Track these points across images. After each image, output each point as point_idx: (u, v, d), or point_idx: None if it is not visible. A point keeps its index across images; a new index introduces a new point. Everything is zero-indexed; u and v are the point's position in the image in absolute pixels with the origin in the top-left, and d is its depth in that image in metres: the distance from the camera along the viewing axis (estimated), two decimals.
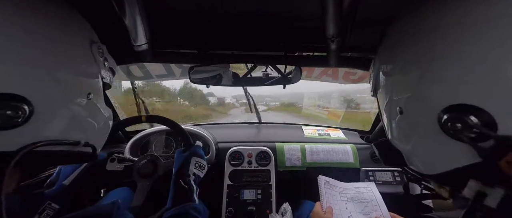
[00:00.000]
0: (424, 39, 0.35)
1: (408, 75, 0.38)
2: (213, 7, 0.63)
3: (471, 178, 0.29)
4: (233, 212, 1.05)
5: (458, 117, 0.28)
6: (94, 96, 0.46)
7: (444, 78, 0.31)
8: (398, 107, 0.40)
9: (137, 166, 0.89)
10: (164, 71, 1.43)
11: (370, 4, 0.56)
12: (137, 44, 0.66)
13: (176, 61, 1.10)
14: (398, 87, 0.41)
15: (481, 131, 0.26)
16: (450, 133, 0.29)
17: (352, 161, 1.19)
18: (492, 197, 0.27)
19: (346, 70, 1.39)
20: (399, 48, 0.42)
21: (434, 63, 0.32)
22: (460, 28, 0.30)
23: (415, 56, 0.37)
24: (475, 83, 0.27)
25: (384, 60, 0.47)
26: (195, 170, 0.76)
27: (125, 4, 0.51)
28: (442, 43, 0.32)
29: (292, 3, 0.59)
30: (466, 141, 0.28)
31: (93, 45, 0.47)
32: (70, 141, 0.40)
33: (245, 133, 1.46)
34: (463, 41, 0.29)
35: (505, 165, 0.25)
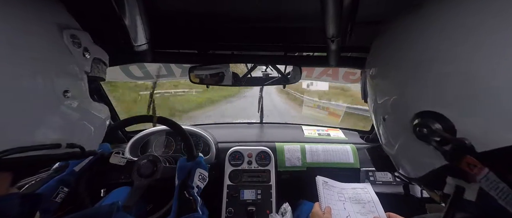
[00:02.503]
0: (402, 46, 0.37)
1: (388, 80, 0.41)
2: (213, 7, 0.63)
3: (448, 176, 0.31)
4: (233, 212, 1.05)
5: (425, 122, 0.31)
6: (75, 93, 0.41)
7: (416, 85, 0.33)
8: (381, 115, 0.42)
9: (137, 164, 0.89)
10: (164, 71, 1.43)
11: (370, 4, 0.56)
12: (137, 44, 0.66)
13: (176, 61, 1.10)
14: (380, 93, 0.43)
15: (442, 135, 0.29)
16: (419, 137, 0.32)
17: (352, 161, 1.19)
18: (470, 191, 0.29)
19: (346, 70, 1.39)
20: (382, 53, 0.43)
21: (409, 69, 0.35)
22: (431, 37, 0.32)
23: (395, 62, 0.39)
24: (438, 93, 0.30)
25: (370, 65, 0.48)
26: (198, 182, 0.75)
27: (125, 4, 0.51)
28: (416, 49, 0.34)
29: (292, 3, 0.59)
30: (433, 144, 0.30)
31: (64, 32, 0.40)
32: (47, 145, 0.36)
33: (245, 133, 1.46)
34: (431, 50, 0.32)
35: (465, 166, 0.27)
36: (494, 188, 0.25)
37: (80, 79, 0.43)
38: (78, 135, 0.43)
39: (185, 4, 0.61)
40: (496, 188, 0.25)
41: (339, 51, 0.72)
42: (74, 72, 0.42)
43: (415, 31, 0.35)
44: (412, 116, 0.33)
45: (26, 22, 0.36)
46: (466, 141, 0.27)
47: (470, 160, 0.27)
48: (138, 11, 0.55)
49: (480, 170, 0.26)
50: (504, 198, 0.25)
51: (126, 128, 0.93)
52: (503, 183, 0.25)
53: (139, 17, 0.57)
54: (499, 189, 0.25)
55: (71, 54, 0.41)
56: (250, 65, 1.00)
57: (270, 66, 1.00)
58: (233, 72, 1.03)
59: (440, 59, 0.30)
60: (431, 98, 0.31)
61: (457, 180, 0.30)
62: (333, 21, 0.53)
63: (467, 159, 0.27)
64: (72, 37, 0.41)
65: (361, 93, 0.56)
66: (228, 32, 0.77)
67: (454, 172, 0.30)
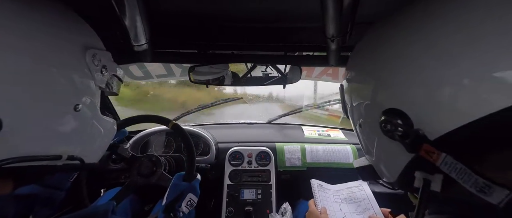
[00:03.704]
0: (376, 45, 0.41)
1: (361, 83, 0.44)
2: (213, 7, 0.63)
3: (416, 171, 0.34)
4: (233, 212, 1.05)
5: (389, 119, 0.34)
6: (85, 108, 0.42)
7: (382, 86, 0.37)
8: (358, 122, 0.45)
9: (139, 161, 0.89)
10: (164, 71, 1.43)
11: (370, 4, 0.56)
12: (137, 44, 0.66)
13: (176, 61, 1.10)
14: (355, 98, 0.46)
15: (402, 129, 0.32)
16: (386, 133, 0.34)
17: (352, 161, 1.19)
18: (435, 183, 0.31)
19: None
20: (359, 63, 0.46)
21: (377, 72, 0.38)
22: (396, 33, 0.37)
23: (367, 67, 0.42)
24: (398, 90, 0.34)
25: (347, 77, 0.51)
26: (185, 208, 0.73)
27: (125, 4, 0.51)
28: (384, 49, 0.38)
29: (292, 3, 0.59)
30: (397, 139, 0.33)
31: (87, 52, 0.42)
32: (48, 156, 0.37)
33: (245, 133, 1.46)
34: (396, 49, 0.36)
35: (425, 154, 0.30)
36: (454, 170, 0.28)
37: (93, 94, 0.45)
38: (82, 147, 0.44)
39: (185, 4, 0.61)
40: (455, 169, 0.28)
41: (339, 51, 0.72)
42: (89, 88, 0.44)
43: (385, 37, 0.39)
44: (379, 113, 0.36)
45: (57, 39, 0.38)
46: (419, 130, 0.30)
47: (428, 148, 0.30)
48: (138, 11, 0.55)
49: (438, 156, 0.29)
50: (462, 177, 0.27)
51: (126, 127, 0.93)
52: (460, 164, 0.27)
53: (139, 17, 0.57)
54: (457, 170, 0.27)
55: (89, 71, 0.43)
56: (250, 65, 1.00)
57: (270, 66, 1.00)
58: (233, 72, 1.03)
59: (401, 69, 0.34)
60: (393, 97, 0.35)
61: (424, 174, 0.33)
62: (333, 21, 0.53)
63: (425, 147, 0.30)
64: (93, 56, 0.44)
65: (342, 108, 0.57)
66: (228, 32, 0.77)
67: (420, 166, 0.33)
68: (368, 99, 0.41)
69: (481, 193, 0.26)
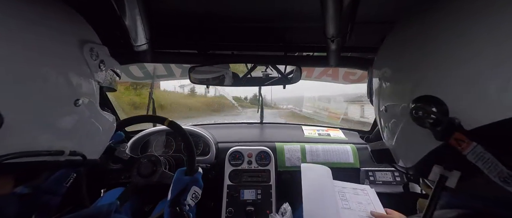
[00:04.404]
0: (412, 45, 0.40)
1: (393, 74, 0.44)
2: (213, 7, 0.63)
3: (435, 164, 0.34)
4: (233, 212, 1.05)
5: (421, 106, 0.33)
6: (85, 102, 0.42)
7: (417, 73, 0.37)
8: (384, 107, 0.45)
9: (138, 162, 0.89)
10: (164, 71, 1.44)
11: (370, 5, 0.56)
12: (137, 44, 0.66)
13: (176, 61, 1.10)
14: (385, 87, 0.46)
15: (436, 116, 0.32)
16: (416, 119, 0.34)
17: (352, 161, 1.19)
18: (451, 179, 0.32)
19: (346, 70, 1.39)
20: (392, 53, 0.46)
21: (412, 61, 0.38)
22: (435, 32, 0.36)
23: (400, 56, 0.42)
24: (435, 78, 0.34)
25: (377, 64, 0.50)
26: (190, 200, 0.74)
27: (125, 4, 0.51)
28: (422, 43, 0.37)
29: (292, 3, 0.59)
30: (427, 126, 0.33)
31: (84, 46, 0.42)
32: (50, 151, 0.37)
33: (245, 133, 1.46)
34: (433, 43, 0.35)
35: (454, 143, 0.30)
36: (481, 159, 0.28)
37: (92, 89, 0.45)
38: (83, 143, 0.44)
39: (185, 4, 0.61)
40: (482, 159, 0.28)
41: (339, 51, 0.72)
42: (88, 82, 0.44)
43: (425, 29, 0.38)
44: (410, 101, 0.36)
45: (54, 33, 0.38)
46: (456, 119, 0.30)
47: (459, 136, 0.30)
48: (138, 11, 0.55)
49: (468, 145, 0.29)
50: (488, 167, 0.28)
51: (126, 127, 0.93)
52: (489, 154, 0.28)
53: (139, 17, 0.57)
54: (485, 159, 0.28)
55: (87, 66, 0.43)
56: (250, 65, 1.00)
57: (270, 66, 1.00)
58: (233, 72, 1.03)
59: (441, 55, 0.34)
60: (429, 84, 0.34)
61: (442, 169, 0.33)
62: (333, 21, 0.53)
63: (456, 135, 0.30)
64: (91, 51, 0.43)
65: (367, 91, 0.58)
66: (228, 32, 0.77)
67: (441, 157, 0.34)
68: (399, 84, 0.41)
69: (504, 183, 0.27)
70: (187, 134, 0.86)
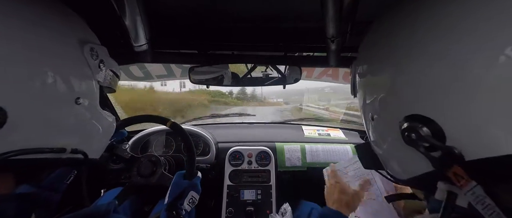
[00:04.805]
0: (397, 43, 0.35)
1: (379, 77, 0.38)
2: (213, 7, 0.63)
3: (439, 181, 0.29)
4: (233, 212, 1.05)
5: (414, 127, 0.29)
6: (86, 101, 0.43)
7: (408, 87, 0.31)
8: (370, 114, 0.40)
9: (139, 162, 0.89)
10: (164, 71, 1.44)
11: (370, 5, 0.56)
12: (137, 44, 0.66)
13: (176, 62, 1.10)
14: (370, 91, 0.41)
15: (431, 142, 0.27)
16: (408, 142, 0.30)
17: None
18: (462, 197, 0.27)
19: (346, 70, 1.39)
20: (374, 50, 0.41)
21: (403, 71, 0.32)
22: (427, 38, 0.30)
23: (386, 58, 0.36)
24: (428, 97, 0.28)
25: (360, 61, 0.46)
26: (187, 205, 0.74)
27: (125, 4, 0.51)
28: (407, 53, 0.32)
29: (292, 3, 0.59)
30: (421, 150, 0.28)
31: (85, 46, 0.43)
32: (53, 148, 0.37)
33: (245, 133, 1.46)
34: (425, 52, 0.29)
35: (453, 176, 0.26)
36: (480, 203, 0.24)
37: (93, 88, 0.46)
38: (84, 141, 0.45)
39: (185, 4, 0.61)
40: (482, 203, 0.24)
41: (339, 51, 0.72)
42: (89, 82, 0.45)
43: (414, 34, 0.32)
44: (401, 118, 0.31)
45: (55, 33, 0.39)
46: (455, 149, 0.26)
47: (458, 171, 0.25)
48: (138, 11, 0.55)
49: (466, 183, 0.25)
50: (490, 214, 0.24)
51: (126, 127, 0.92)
52: (489, 198, 0.24)
53: (139, 17, 0.57)
54: (485, 204, 0.24)
55: (88, 65, 0.44)
56: (250, 66, 1.00)
57: (270, 66, 1.00)
58: (233, 72, 1.03)
59: (435, 63, 0.28)
60: (421, 103, 0.29)
61: (449, 186, 0.28)
62: (333, 21, 0.53)
63: (455, 169, 0.26)
64: (91, 50, 0.44)
65: (351, 88, 0.53)
66: (228, 32, 0.77)
67: (444, 177, 0.29)
68: (387, 98, 0.35)
69: None
70: (188, 136, 0.85)
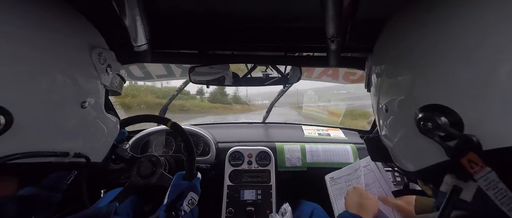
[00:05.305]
0: (412, 40, 0.36)
1: (395, 74, 0.39)
2: (213, 7, 0.63)
3: (447, 173, 0.31)
4: (233, 212, 1.05)
5: (430, 116, 0.29)
6: (91, 105, 0.43)
7: (426, 78, 0.32)
8: (384, 106, 0.41)
9: (139, 162, 0.89)
10: (164, 71, 1.43)
11: (370, 4, 0.56)
12: (137, 44, 0.66)
13: (176, 62, 1.10)
14: (385, 86, 0.42)
15: (448, 130, 0.28)
16: (423, 131, 0.30)
17: (352, 161, 1.19)
18: (467, 191, 0.28)
19: (346, 70, 1.39)
20: (390, 44, 0.42)
21: (420, 62, 0.33)
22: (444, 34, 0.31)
23: (403, 57, 0.37)
24: (448, 86, 0.29)
25: (375, 59, 0.47)
26: (186, 206, 0.73)
27: (125, 4, 0.51)
28: (425, 46, 0.33)
29: (292, 3, 0.59)
30: (436, 139, 0.29)
31: (93, 51, 0.43)
32: (56, 152, 0.37)
33: (245, 133, 1.46)
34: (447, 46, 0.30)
35: (466, 163, 0.27)
36: (493, 188, 0.25)
37: (99, 93, 0.46)
38: (88, 145, 0.45)
39: (185, 4, 0.61)
40: (495, 188, 0.25)
41: (339, 51, 0.72)
42: (95, 85, 0.45)
43: (433, 26, 0.33)
44: (417, 109, 0.31)
45: (65, 37, 0.40)
46: (473, 137, 0.26)
47: (473, 157, 0.26)
48: (138, 11, 0.55)
49: (481, 169, 0.25)
50: (501, 198, 0.25)
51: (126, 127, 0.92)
52: (502, 184, 0.24)
53: (139, 17, 0.57)
54: (497, 189, 0.25)
55: (95, 69, 0.44)
56: (250, 66, 1.00)
57: (270, 67, 1.00)
58: (233, 72, 1.03)
59: (456, 56, 0.29)
60: (440, 93, 0.30)
61: (455, 180, 0.29)
62: (333, 21, 0.53)
63: (470, 156, 0.26)
64: (99, 55, 0.45)
65: (365, 82, 0.54)
66: (228, 32, 0.77)
67: (453, 170, 0.30)
68: (403, 89, 0.35)
69: None
70: (189, 136, 0.85)
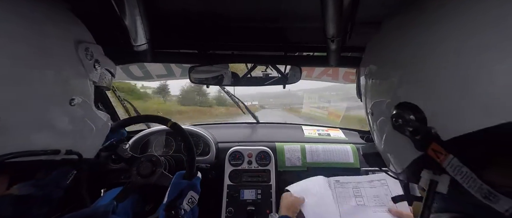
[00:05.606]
0: (392, 45, 0.40)
1: (376, 74, 0.44)
2: (213, 7, 0.63)
3: (423, 169, 0.33)
4: (233, 212, 1.05)
5: (401, 113, 0.33)
6: (80, 102, 0.42)
7: (399, 79, 0.36)
8: (370, 110, 0.45)
9: (139, 161, 0.89)
10: (164, 71, 1.43)
11: (370, 5, 0.56)
12: (137, 44, 0.66)
13: (176, 61, 1.10)
14: (370, 87, 0.46)
15: (414, 125, 0.31)
16: (395, 127, 0.34)
17: (352, 161, 1.19)
18: (442, 184, 0.31)
19: (346, 70, 1.39)
20: (376, 51, 0.46)
21: (395, 66, 0.38)
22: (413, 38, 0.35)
23: (385, 58, 0.41)
24: (413, 85, 0.33)
25: (363, 63, 0.51)
26: (186, 205, 0.73)
27: (125, 4, 0.51)
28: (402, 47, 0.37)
29: (292, 3, 0.59)
30: (407, 134, 0.33)
31: (79, 46, 0.42)
32: (47, 150, 0.37)
33: (245, 133, 1.46)
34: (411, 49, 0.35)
35: (433, 154, 0.30)
36: (459, 173, 0.27)
37: (87, 89, 0.45)
38: (78, 142, 0.44)
39: (185, 4, 0.61)
40: (460, 173, 0.27)
41: (339, 51, 0.72)
42: (83, 82, 0.44)
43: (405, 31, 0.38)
44: (392, 107, 0.35)
45: (49, 33, 0.38)
46: (432, 129, 0.30)
47: (436, 147, 0.29)
48: (138, 11, 0.55)
49: (445, 157, 0.28)
50: (468, 182, 0.27)
51: (126, 127, 0.92)
52: (465, 167, 0.27)
53: (139, 17, 0.57)
54: (462, 174, 0.27)
55: (82, 66, 0.43)
56: (250, 65, 1.00)
57: (270, 66, 1.00)
58: (232, 72, 1.03)
59: (417, 58, 0.33)
60: (409, 91, 0.34)
61: (431, 175, 0.32)
62: (333, 21, 0.53)
63: (433, 146, 0.29)
64: (86, 50, 0.44)
65: (357, 91, 0.57)
66: (228, 32, 0.77)
67: (427, 164, 0.32)
68: (383, 91, 0.40)
69: (487, 199, 0.26)
70: (188, 136, 0.85)
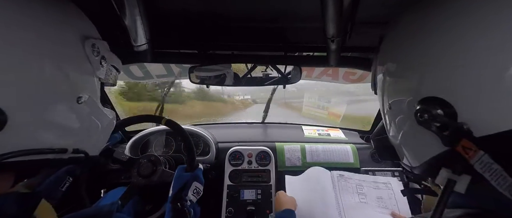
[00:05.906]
0: (416, 40, 0.38)
1: (398, 72, 0.42)
2: (213, 7, 0.63)
3: (442, 167, 0.33)
4: (233, 212, 1.05)
5: (427, 108, 0.32)
6: (87, 99, 0.42)
7: (423, 72, 0.35)
8: (389, 104, 0.43)
9: (138, 163, 0.89)
10: (164, 71, 1.43)
11: (370, 5, 0.56)
12: (137, 44, 0.66)
13: (176, 61, 1.10)
14: (389, 85, 0.44)
15: (443, 121, 0.30)
16: (420, 122, 0.33)
17: (352, 161, 1.19)
18: (460, 184, 0.30)
19: (346, 70, 1.39)
20: (394, 48, 0.44)
21: (419, 59, 0.36)
22: (443, 30, 0.33)
23: (405, 55, 0.40)
24: (444, 81, 0.32)
25: (381, 60, 0.49)
26: (192, 196, 0.74)
27: (125, 4, 0.51)
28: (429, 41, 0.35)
29: (292, 3, 0.59)
30: (433, 129, 0.31)
31: (86, 42, 0.41)
32: (54, 149, 0.37)
33: (245, 132, 1.46)
34: (442, 42, 0.33)
35: (461, 150, 0.29)
36: (488, 170, 0.27)
37: (94, 86, 0.45)
38: (85, 140, 0.44)
39: (185, 4, 0.61)
40: (490, 169, 0.26)
41: (339, 51, 0.72)
42: (90, 79, 0.44)
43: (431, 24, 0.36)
44: (416, 102, 0.34)
45: (56, 30, 0.38)
46: (464, 125, 0.29)
47: (466, 143, 0.28)
48: (138, 11, 0.55)
49: (475, 153, 0.27)
50: (497, 179, 0.26)
51: (126, 127, 0.92)
52: (496, 164, 0.26)
53: (139, 17, 0.57)
54: (492, 170, 0.26)
55: (89, 62, 0.43)
56: (250, 65, 1.00)
57: (270, 66, 1.00)
58: (233, 72, 1.03)
59: (450, 51, 0.31)
60: (437, 85, 0.32)
61: (450, 174, 0.31)
62: (333, 21, 0.53)
63: (463, 142, 0.28)
64: (93, 46, 0.43)
65: (371, 83, 0.56)
66: (228, 32, 0.77)
67: (449, 162, 0.32)
68: (405, 84, 0.38)
69: None
70: (185, 131, 0.86)
